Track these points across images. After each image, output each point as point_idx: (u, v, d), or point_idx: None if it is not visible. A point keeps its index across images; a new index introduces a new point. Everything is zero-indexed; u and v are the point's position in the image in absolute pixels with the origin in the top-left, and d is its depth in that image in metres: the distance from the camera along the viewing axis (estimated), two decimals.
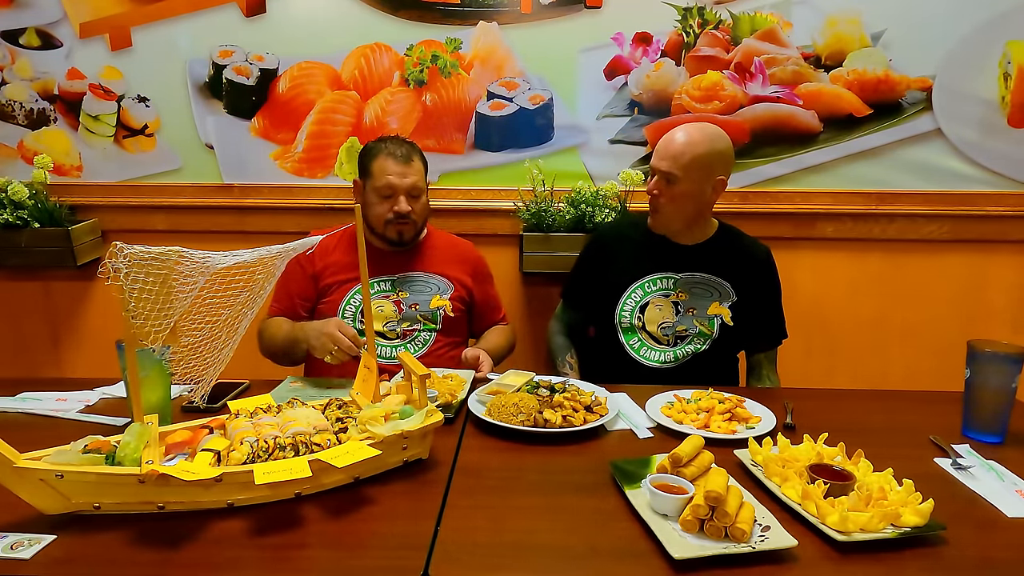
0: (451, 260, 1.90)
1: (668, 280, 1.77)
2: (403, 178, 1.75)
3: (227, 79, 2.29)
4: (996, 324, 2.38)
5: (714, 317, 1.75)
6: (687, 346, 1.76)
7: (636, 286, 1.78)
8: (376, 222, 1.79)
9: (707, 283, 1.76)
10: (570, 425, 1.30)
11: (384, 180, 1.74)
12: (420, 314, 1.82)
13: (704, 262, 1.77)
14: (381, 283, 1.82)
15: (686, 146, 1.66)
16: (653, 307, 1.76)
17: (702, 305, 1.75)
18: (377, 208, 1.77)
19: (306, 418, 1.16)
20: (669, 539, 0.94)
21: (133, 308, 1.02)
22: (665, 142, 1.69)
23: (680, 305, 1.76)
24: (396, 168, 1.74)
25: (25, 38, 2.28)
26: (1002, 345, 1.31)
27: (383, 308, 1.80)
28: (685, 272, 1.77)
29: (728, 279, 1.76)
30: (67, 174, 2.37)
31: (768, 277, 1.82)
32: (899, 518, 0.98)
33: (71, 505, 1.00)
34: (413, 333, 1.82)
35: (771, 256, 1.83)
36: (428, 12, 2.25)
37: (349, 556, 0.95)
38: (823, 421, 1.36)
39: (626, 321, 1.78)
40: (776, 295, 1.83)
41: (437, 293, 1.84)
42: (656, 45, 2.26)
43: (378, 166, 1.76)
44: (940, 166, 2.29)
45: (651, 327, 1.77)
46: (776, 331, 1.84)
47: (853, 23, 2.22)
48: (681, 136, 1.67)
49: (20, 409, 1.42)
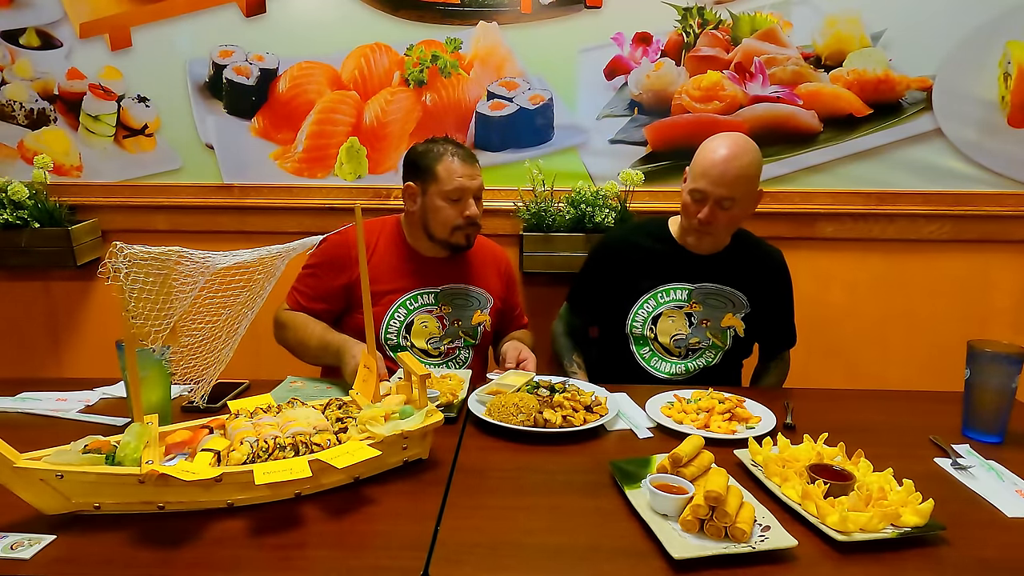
0: (489, 268, 1.84)
1: (682, 291, 1.72)
2: (472, 180, 1.67)
3: (227, 79, 2.29)
4: (996, 324, 2.38)
5: (727, 329, 1.72)
6: (699, 359, 1.74)
7: (648, 296, 1.73)
8: (441, 228, 1.69)
9: (721, 294, 1.72)
10: (570, 425, 1.30)
11: (455, 183, 1.65)
12: (462, 331, 1.77)
13: (719, 272, 1.72)
14: (425, 295, 1.74)
15: (741, 169, 1.57)
16: (666, 319, 1.72)
17: (716, 317, 1.72)
18: (446, 212, 1.67)
19: (306, 418, 1.16)
20: (669, 539, 0.94)
21: (133, 308, 1.02)
22: (715, 164, 1.57)
23: (694, 317, 1.71)
24: (465, 170, 1.66)
25: (25, 38, 2.28)
26: (1002, 345, 1.31)
27: (427, 325, 1.73)
28: (700, 283, 1.72)
29: (743, 290, 1.72)
30: (67, 174, 2.37)
31: (782, 284, 1.79)
32: (899, 518, 0.98)
33: (71, 505, 1.00)
34: (455, 351, 1.77)
35: (784, 260, 1.80)
36: (428, 12, 2.25)
37: (349, 556, 0.95)
38: (823, 421, 1.36)
39: (638, 331, 1.74)
40: (788, 299, 1.81)
41: (479, 308, 1.79)
42: (656, 45, 2.26)
43: (445, 168, 1.65)
44: (940, 166, 2.29)
45: (663, 339, 1.73)
46: (787, 335, 1.83)
47: (853, 23, 2.22)
48: (732, 158, 1.57)
49: (20, 409, 1.42)
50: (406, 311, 1.73)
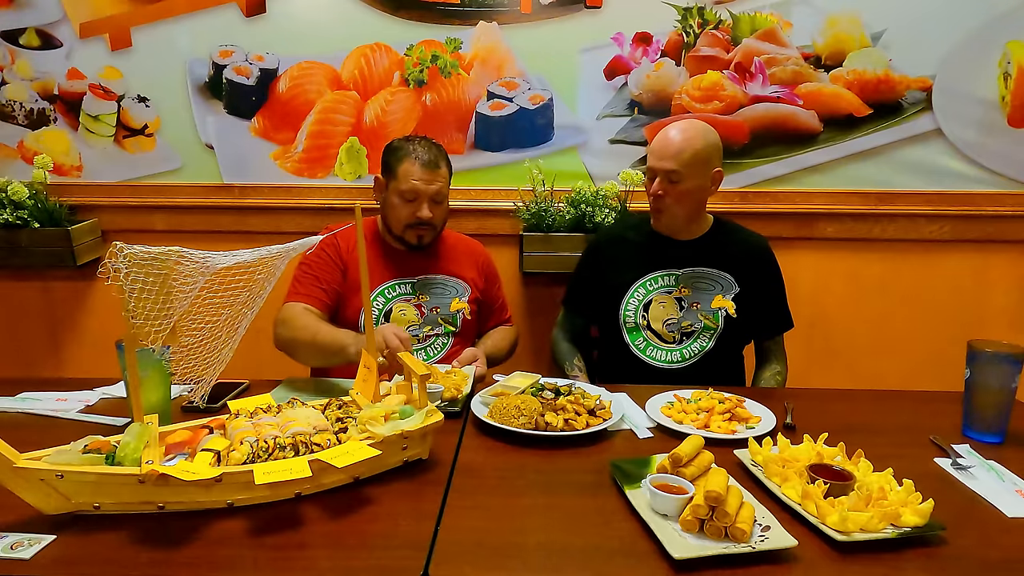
0: (465, 260, 1.90)
1: (670, 277, 1.77)
2: (429, 184, 1.72)
3: (227, 79, 2.29)
4: (996, 324, 2.38)
5: (718, 310, 1.75)
6: (693, 343, 1.76)
7: (638, 285, 1.78)
8: (395, 224, 1.77)
9: (709, 276, 1.77)
10: (572, 428, 1.30)
11: (409, 184, 1.71)
12: (441, 317, 1.81)
13: (704, 256, 1.78)
14: (401, 285, 1.81)
15: (685, 143, 1.66)
16: (657, 304, 1.77)
17: (705, 299, 1.76)
18: (399, 211, 1.74)
19: (306, 418, 1.16)
20: (669, 539, 0.94)
21: (133, 308, 1.02)
22: (662, 142, 1.70)
23: (684, 300, 1.76)
24: (423, 174, 1.71)
25: (25, 38, 2.28)
26: (1002, 345, 1.31)
27: (405, 312, 1.79)
28: (686, 268, 1.77)
29: (729, 271, 1.77)
30: (67, 174, 2.37)
31: (768, 266, 1.83)
32: (899, 518, 0.98)
33: (71, 505, 1.00)
34: (433, 337, 1.81)
35: (768, 245, 1.84)
36: (428, 12, 2.25)
37: (349, 556, 0.95)
38: (823, 421, 1.36)
39: (631, 321, 1.78)
40: (778, 283, 1.84)
41: (456, 296, 1.83)
42: (656, 45, 2.26)
43: (404, 170, 1.72)
44: (940, 166, 2.29)
45: (656, 325, 1.77)
46: (781, 318, 1.85)
47: (853, 23, 2.22)
48: (677, 134, 1.68)
49: (20, 409, 1.42)
50: (384, 300, 1.79)
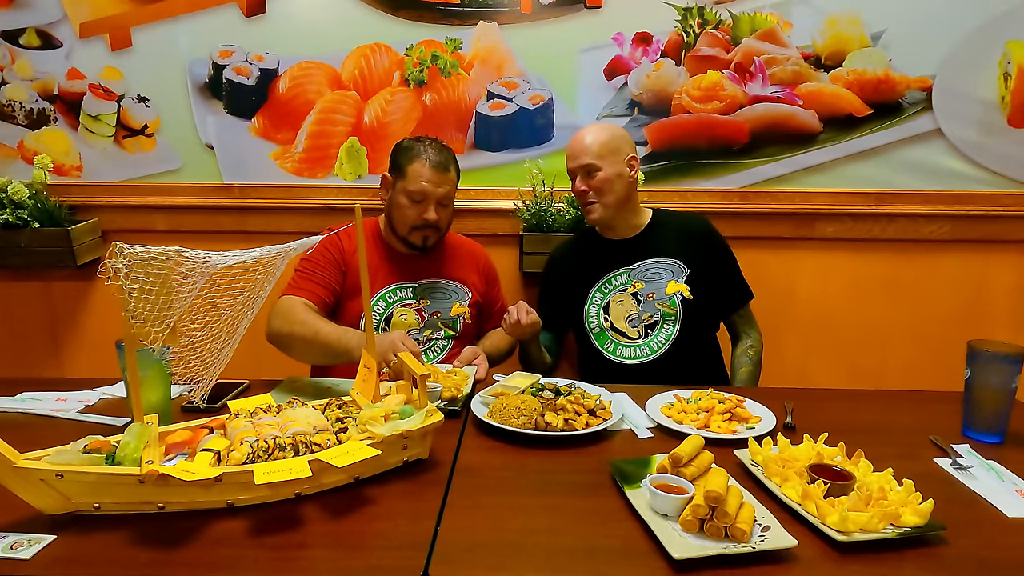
0: (466, 263, 1.90)
1: (622, 275, 1.85)
2: (437, 187, 1.72)
3: (227, 79, 2.29)
4: (996, 324, 2.38)
5: (673, 295, 1.81)
6: (658, 334, 1.81)
7: (594, 290, 1.87)
8: (400, 225, 1.77)
9: (658, 266, 1.84)
10: (571, 429, 1.30)
11: (418, 185, 1.71)
12: (441, 322, 1.81)
13: (649, 247, 1.85)
14: (403, 289, 1.80)
15: (592, 137, 1.78)
16: (615, 304, 1.85)
17: (659, 288, 1.83)
18: (405, 211, 1.74)
19: (306, 418, 1.16)
20: (669, 539, 0.94)
21: (133, 308, 1.02)
22: (572, 144, 1.82)
23: (639, 294, 1.84)
24: (432, 176, 1.71)
25: (25, 38, 2.28)
26: (1002, 345, 1.31)
27: (406, 317, 1.79)
28: (635, 263, 1.85)
29: (676, 256, 1.84)
30: (67, 174, 2.37)
31: (714, 243, 1.88)
32: (899, 518, 0.98)
33: (71, 505, 1.00)
34: (432, 341, 1.82)
35: (709, 223, 1.91)
36: (428, 12, 2.25)
37: (349, 556, 0.95)
38: (823, 421, 1.36)
39: (595, 326, 1.86)
40: (728, 257, 1.89)
41: (457, 300, 1.84)
42: (656, 45, 2.26)
43: (414, 170, 1.72)
44: (940, 166, 2.29)
45: (619, 324, 1.84)
46: (739, 291, 1.90)
47: (853, 23, 2.22)
48: (584, 134, 1.81)
49: (20, 409, 1.42)
50: (385, 304, 1.79)
